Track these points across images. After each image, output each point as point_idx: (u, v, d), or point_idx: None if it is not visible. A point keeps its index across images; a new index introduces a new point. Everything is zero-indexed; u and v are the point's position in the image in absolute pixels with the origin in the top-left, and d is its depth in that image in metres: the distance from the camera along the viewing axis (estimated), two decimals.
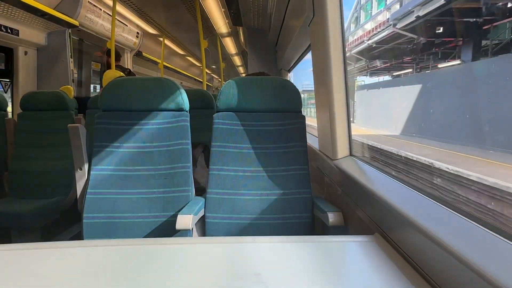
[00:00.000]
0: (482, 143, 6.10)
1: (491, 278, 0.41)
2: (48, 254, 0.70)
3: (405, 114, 9.65)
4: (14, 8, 2.36)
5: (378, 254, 0.67)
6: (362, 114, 14.38)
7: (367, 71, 15.48)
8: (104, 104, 1.26)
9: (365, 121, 13.54)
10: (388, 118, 11.14)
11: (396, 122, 10.11)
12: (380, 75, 16.13)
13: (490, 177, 4.03)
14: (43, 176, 1.93)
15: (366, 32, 12.42)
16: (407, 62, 12.70)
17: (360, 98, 14.63)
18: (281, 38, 2.99)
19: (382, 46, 11.94)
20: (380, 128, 11.21)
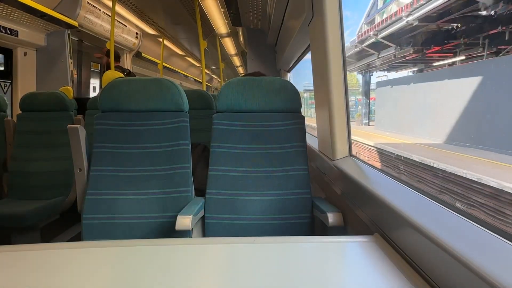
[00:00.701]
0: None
1: (491, 278, 0.41)
2: (47, 255, 0.70)
3: (452, 116, 7.06)
4: (13, 9, 2.36)
5: (377, 254, 0.67)
6: (385, 116, 11.86)
7: (391, 63, 11.82)
8: (104, 105, 1.26)
9: (389, 124, 11.08)
10: (424, 121, 8.66)
11: (436, 126, 7.76)
12: (402, 68, 13.11)
13: None
14: (43, 177, 1.93)
15: (407, 5, 8.50)
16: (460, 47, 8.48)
17: (381, 96, 12.20)
18: (281, 39, 2.99)
19: (429, 23, 8.04)
20: (412, 133, 8.98)
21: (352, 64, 13.48)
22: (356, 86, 24.06)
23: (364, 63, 12.78)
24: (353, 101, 18.69)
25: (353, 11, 38.88)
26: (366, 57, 12.26)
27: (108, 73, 2.50)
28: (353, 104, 18.25)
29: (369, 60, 12.18)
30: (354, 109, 18.78)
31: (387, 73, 14.55)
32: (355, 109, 18.61)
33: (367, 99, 14.77)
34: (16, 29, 2.57)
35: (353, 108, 18.91)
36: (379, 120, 12.46)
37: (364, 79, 14.91)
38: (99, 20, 3.26)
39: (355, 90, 20.29)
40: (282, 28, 2.68)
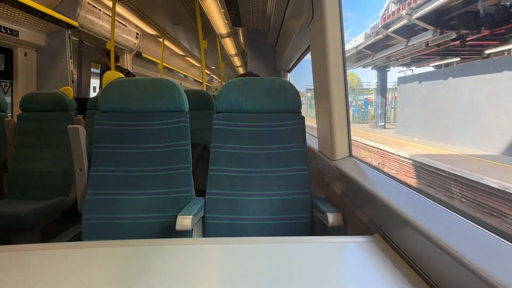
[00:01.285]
0: None
1: (491, 279, 0.41)
2: (47, 255, 0.70)
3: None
4: (13, 9, 2.36)
5: (377, 254, 0.68)
6: (409, 117, 9.99)
7: (418, 55, 9.60)
8: (104, 105, 1.26)
9: (416, 128, 9.28)
10: (469, 124, 6.63)
11: (490, 131, 5.95)
12: (429, 62, 10.71)
13: None
14: (43, 177, 1.93)
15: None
16: None
17: (404, 94, 10.48)
18: (281, 39, 2.99)
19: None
20: (451, 140, 7.02)
21: (367, 58, 12.09)
22: (357, 86, 23.33)
23: (383, 56, 10.81)
24: (362, 100, 18.01)
25: (353, 11, 38.76)
26: (385, 48, 10.40)
27: (109, 73, 2.50)
28: (362, 104, 17.82)
29: (391, 51, 10.16)
30: (364, 110, 17.68)
31: (405, 68, 12.49)
32: (365, 110, 17.57)
33: (383, 98, 13.13)
34: (17, 29, 2.58)
35: (363, 109, 17.80)
36: (402, 122, 10.55)
37: (379, 75, 13.22)
38: (100, 20, 3.26)
39: (364, 90, 19.23)
40: (282, 28, 2.68)
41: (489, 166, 5.03)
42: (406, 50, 9.45)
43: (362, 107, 17.91)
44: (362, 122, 16.74)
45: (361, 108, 17.70)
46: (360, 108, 17.79)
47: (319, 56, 1.26)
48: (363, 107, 18.00)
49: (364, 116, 17.33)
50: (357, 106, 17.81)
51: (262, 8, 2.73)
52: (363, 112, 17.75)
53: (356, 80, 22.90)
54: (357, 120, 17.41)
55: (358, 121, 17.40)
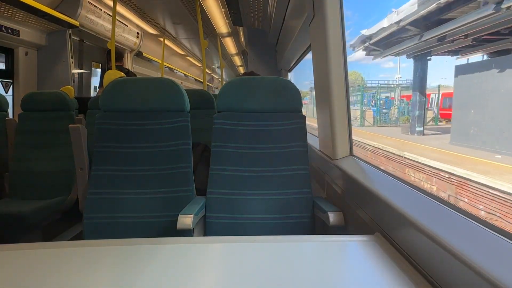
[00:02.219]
0: None
1: (492, 277, 0.41)
2: (49, 254, 0.71)
3: None
4: (14, 9, 2.36)
5: (378, 253, 0.68)
6: (480, 124, 7.11)
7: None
8: (105, 105, 1.26)
9: (493, 140, 6.47)
10: None
11: None
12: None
13: None
14: (44, 177, 1.93)
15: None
16: None
17: (468, 89, 7.55)
18: (282, 38, 2.98)
19: None
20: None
21: (405, 41, 9.35)
22: (360, 83, 22.13)
23: (439, 34, 7.44)
24: (383, 99, 16.35)
25: (353, 11, 38.22)
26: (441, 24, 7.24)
27: (110, 73, 2.50)
28: (383, 104, 16.03)
29: (444, 31, 7.04)
30: (387, 111, 15.64)
31: (450, 56, 9.89)
32: (388, 110, 15.61)
33: (422, 95, 10.54)
34: (18, 29, 2.58)
35: (385, 109, 15.73)
36: (463, 129, 7.69)
37: (417, 66, 10.51)
38: (100, 20, 3.26)
39: (376, 87, 17.41)
40: (283, 28, 2.68)
41: None
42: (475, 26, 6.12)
43: (384, 107, 15.95)
44: (384, 125, 15.10)
45: (383, 108, 15.85)
46: (382, 108, 15.90)
47: (320, 55, 1.26)
48: (385, 107, 15.98)
49: (386, 118, 15.59)
50: (377, 106, 15.92)
51: (263, 8, 2.73)
52: (385, 113, 15.78)
53: (360, 79, 21.78)
54: (379, 122, 15.47)
55: (380, 124, 15.39)
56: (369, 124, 15.63)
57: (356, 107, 17.13)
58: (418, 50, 9.86)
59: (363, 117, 15.76)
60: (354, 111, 16.44)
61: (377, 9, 45.35)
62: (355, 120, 15.63)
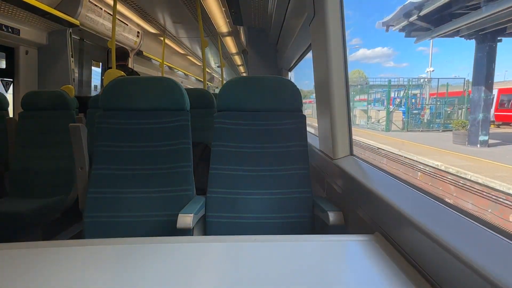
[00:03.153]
0: None
1: (491, 277, 0.41)
2: (49, 253, 0.71)
3: None
4: (15, 8, 2.36)
5: (378, 253, 0.68)
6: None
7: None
8: (105, 104, 1.26)
9: None
10: None
11: None
12: None
13: None
14: (44, 175, 1.93)
15: None
16: None
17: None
18: (282, 38, 2.98)
19: None
20: None
21: (460, 18, 6.74)
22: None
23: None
24: (414, 97, 12.90)
25: (354, 11, 37.60)
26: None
27: (110, 72, 2.50)
28: (415, 103, 12.79)
29: None
30: (418, 112, 12.53)
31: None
32: (419, 111, 12.52)
33: (488, 91, 7.63)
34: (18, 28, 2.58)
35: (416, 110, 12.56)
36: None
37: (481, 49, 7.50)
38: (101, 19, 3.26)
39: (394, 85, 14.25)
40: (283, 27, 2.67)
41: None
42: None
43: (414, 107, 12.78)
44: (415, 130, 12.14)
45: (413, 109, 12.68)
46: (412, 108, 12.67)
47: (320, 54, 1.26)
48: (416, 107, 12.78)
49: (418, 121, 12.49)
50: (407, 106, 12.58)
51: (263, 7, 2.73)
52: (416, 114, 12.56)
53: (364, 77, 20.46)
54: (410, 127, 12.25)
55: (410, 128, 12.21)
56: (398, 129, 12.61)
57: (375, 107, 14.97)
58: (483, 28, 6.98)
59: (390, 119, 12.66)
60: (376, 112, 14.50)
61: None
62: (378, 124, 13.47)
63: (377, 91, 15.65)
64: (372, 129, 13.80)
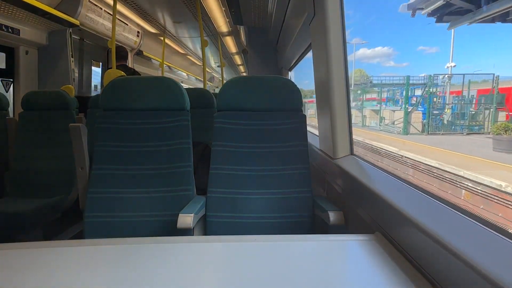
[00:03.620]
0: None
1: (492, 276, 0.41)
2: (49, 253, 0.71)
3: None
4: (15, 8, 2.36)
5: (378, 252, 0.68)
6: None
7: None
8: (105, 104, 1.26)
9: None
10: None
11: None
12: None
13: None
14: (45, 175, 1.93)
15: None
16: None
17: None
18: (282, 37, 2.98)
19: None
20: None
21: None
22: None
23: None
24: (435, 96, 11.20)
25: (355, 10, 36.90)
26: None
27: (110, 72, 2.50)
28: (437, 103, 11.19)
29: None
30: (439, 112, 10.86)
31: None
32: (440, 112, 10.79)
33: None
34: (18, 28, 2.58)
35: (437, 110, 10.86)
36: None
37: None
38: (101, 19, 3.25)
39: (398, 83, 13.06)
40: (283, 26, 2.67)
41: None
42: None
43: (435, 107, 11.04)
44: (435, 133, 10.62)
45: (433, 109, 10.98)
46: (433, 107, 11.01)
47: (321, 54, 1.26)
48: (437, 107, 11.00)
49: (438, 122, 10.89)
50: (428, 106, 10.91)
51: (263, 6, 2.72)
52: (436, 115, 10.86)
53: (365, 78, 20.03)
54: (431, 129, 10.72)
55: (432, 131, 10.71)
56: (417, 131, 11.12)
57: (389, 107, 13.65)
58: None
59: (408, 121, 11.17)
60: (390, 113, 13.08)
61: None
62: (393, 126, 12.11)
63: (389, 89, 14.59)
64: (387, 131, 12.34)
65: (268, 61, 3.59)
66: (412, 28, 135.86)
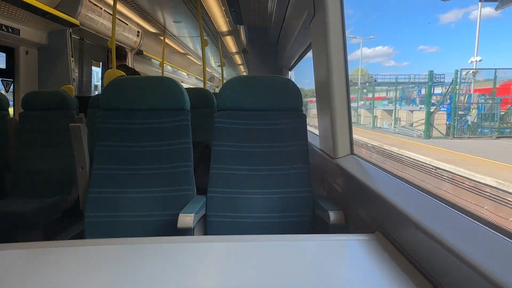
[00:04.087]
0: None
1: (492, 276, 0.41)
2: (50, 253, 0.71)
3: None
4: (15, 8, 2.36)
5: (379, 252, 0.67)
6: None
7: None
8: (105, 103, 1.26)
9: None
10: None
11: None
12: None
13: None
14: (45, 175, 1.93)
15: None
16: None
17: None
18: (282, 37, 2.98)
19: None
20: None
21: None
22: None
23: None
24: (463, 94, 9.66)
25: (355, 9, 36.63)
26: None
27: (110, 72, 2.50)
28: (464, 102, 9.68)
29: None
30: (464, 113, 9.50)
31: None
32: (465, 113, 9.45)
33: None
34: (18, 28, 2.58)
35: (462, 111, 9.49)
36: None
37: None
38: (101, 19, 3.25)
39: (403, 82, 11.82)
40: (283, 26, 2.67)
41: None
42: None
43: (461, 107, 9.62)
44: (462, 137, 9.39)
45: (460, 109, 9.56)
46: (459, 108, 9.53)
47: (321, 53, 1.26)
48: (464, 107, 9.63)
49: (464, 124, 9.55)
50: (454, 105, 9.42)
51: (263, 6, 2.72)
52: (462, 116, 9.50)
53: (367, 76, 19.60)
54: (456, 132, 9.41)
55: (457, 135, 9.42)
56: (440, 135, 9.78)
57: (404, 107, 12.37)
58: None
59: (431, 122, 9.82)
60: (407, 113, 11.78)
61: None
62: (411, 128, 10.87)
63: (403, 87, 13.58)
64: (405, 134, 10.85)
65: (268, 60, 3.58)
66: (412, 28, 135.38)
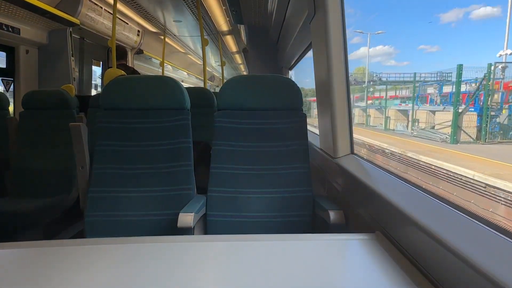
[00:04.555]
0: None
1: (492, 276, 0.41)
2: (50, 253, 0.71)
3: None
4: (15, 7, 2.36)
5: (379, 252, 0.67)
6: None
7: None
8: (106, 103, 1.26)
9: None
10: None
11: None
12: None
13: None
14: (45, 175, 1.93)
15: None
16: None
17: None
18: (282, 36, 2.98)
19: None
20: None
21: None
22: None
23: None
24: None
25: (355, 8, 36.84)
26: None
27: (110, 71, 2.50)
28: (497, 102, 8.43)
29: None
30: (496, 114, 8.32)
31: None
32: (498, 114, 8.24)
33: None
34: (18, 27, 2.57)
35: (494, 111, 8.20)
36: None
37: None
38: (101, 18, 3.25)
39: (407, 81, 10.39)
40: (283, 25, 2.67)
41: None
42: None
43: (494, 107, 8.32)
44: (493, 142, 8.31)
45: (492, 109, 8.35)
46: (491, 108, 8.34)
47: (321, 53, 1.26)
48: (496, 107, 8.31)
49: (496, 127, 8.49)
50: (486, 105, 8.30)
51: (264, 5, 2.72)
52: (493, 117, 8.35)
53: (369, 76, 19.33)
54: (488, 136, 8.33)
55: (489, 139, 8.38)
56: (470, 139, 8.77)
57: (423, 106, 11.25)
58: None
59: (458, 125, 8.78)
60: (427, 114, 10.72)
61: None
62: (434, 131, 9.66)
63: (421, 84, 12.29)
64: (427, 138, 9.65)
65: (268, 60, 3.58)
66: (413, 27, 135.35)
